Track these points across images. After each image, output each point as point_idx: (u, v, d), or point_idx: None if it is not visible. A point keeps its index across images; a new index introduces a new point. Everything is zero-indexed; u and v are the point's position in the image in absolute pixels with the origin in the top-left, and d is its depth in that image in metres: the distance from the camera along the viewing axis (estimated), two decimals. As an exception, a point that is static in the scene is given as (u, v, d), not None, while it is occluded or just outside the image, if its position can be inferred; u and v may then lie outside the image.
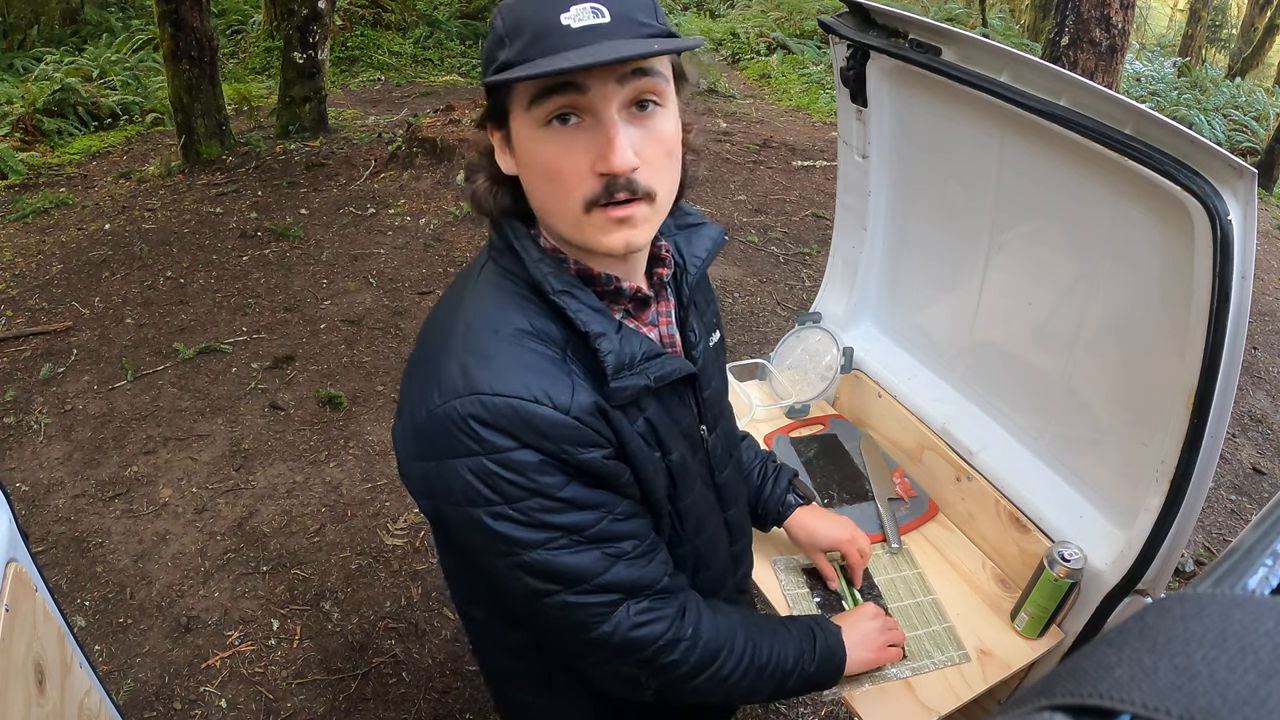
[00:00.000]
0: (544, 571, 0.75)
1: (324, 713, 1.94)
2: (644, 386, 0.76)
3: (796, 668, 0.98)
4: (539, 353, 0.73)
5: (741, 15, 9.13)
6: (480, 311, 0.76)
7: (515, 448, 0.70)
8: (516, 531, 0.73)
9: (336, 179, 4.71)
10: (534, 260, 0.76)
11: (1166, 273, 1.08)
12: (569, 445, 0.72)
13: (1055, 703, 0.25)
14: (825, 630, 1.05)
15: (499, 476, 0.71)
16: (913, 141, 1.46)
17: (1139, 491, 1.19)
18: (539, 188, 0.73)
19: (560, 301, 0.74)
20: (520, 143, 0.72)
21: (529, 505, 0.72)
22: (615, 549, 0.78)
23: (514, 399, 0.70)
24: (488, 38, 0.71)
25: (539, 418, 0.70)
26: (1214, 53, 12.59)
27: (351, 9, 7.55)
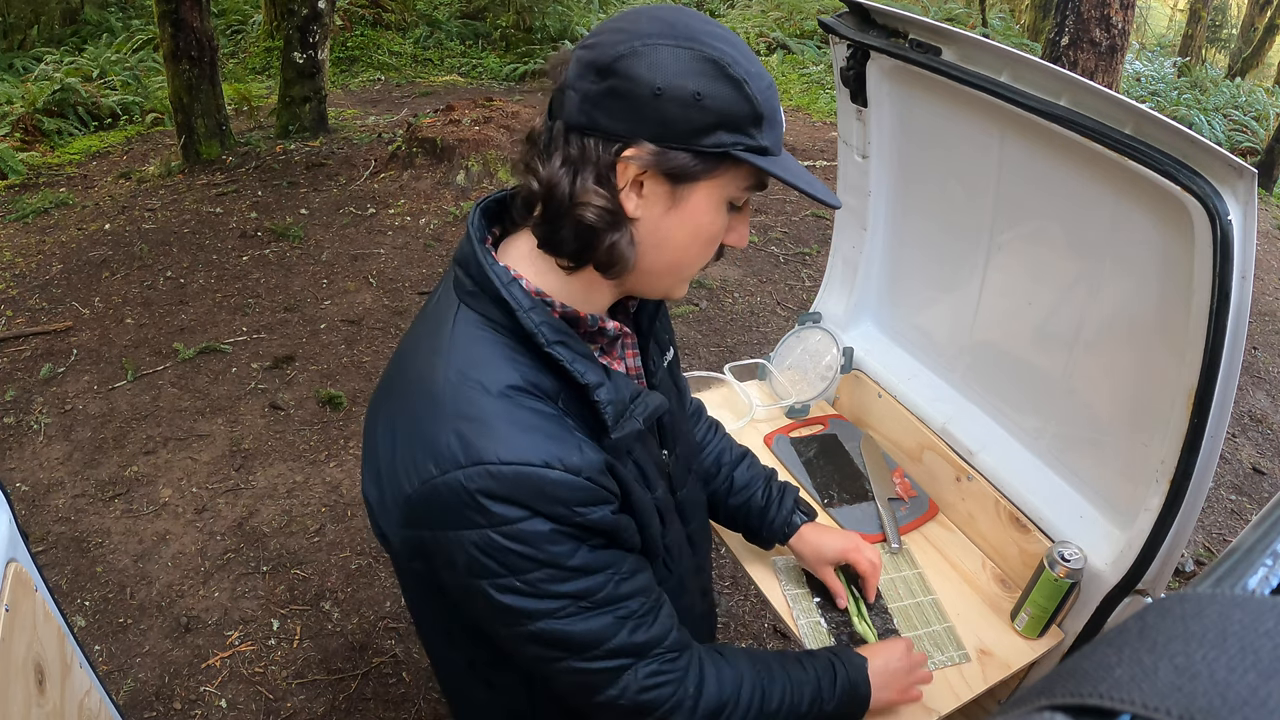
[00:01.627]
0: (551, 640, 0.73)
1: (324, 713, 1.94)
2: (639, 431, 0.75)
3: (813, 708, 0.93)
4: (537, 410, 0.70)
5: (741, 15, 9.13)
6: (464, 366, 0.71)
7: (525, 518, 0.68)
8: (524, 603, 0.71)
9: (336, 179, 4.71)
10: (524, 310, 0.71)
11: (1166, 273, 1.08)
12: (581, 507, 0.70)
13: (1055, 703, 0.25)
14: (848, 664, 0.99)
15: (507, 550, 0.68)
16: (913, 141, 1.46)
17: (1139, 491, 1.19)
18: (685, 250, 0.74)
19: (555, 353, 0.71)
20: (697, 208, 0.71)
21: (537, 576, 0.70)
22: (623, 610, 0.76)
23: (523, 466, 0.67)
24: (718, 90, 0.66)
25: (551, 483, 0.67)
26: (1214, 53, 12.59)
27: (351, 9, 7.55)
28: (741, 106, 0.67)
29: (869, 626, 1.26)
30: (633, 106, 0.66)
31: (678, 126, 0.66)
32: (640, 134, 0.67)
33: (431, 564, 0.73)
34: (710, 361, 3.27)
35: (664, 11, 0.68)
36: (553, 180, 0.69)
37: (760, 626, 2.20)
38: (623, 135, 0.67)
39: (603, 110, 0.67)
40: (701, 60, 0.65)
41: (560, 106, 0.69)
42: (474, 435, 0.67)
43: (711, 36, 0.67)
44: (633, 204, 0.70)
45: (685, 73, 0.65)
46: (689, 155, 0.68)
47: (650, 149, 0.67)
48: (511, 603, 0.71)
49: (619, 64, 0.65)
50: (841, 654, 1.01)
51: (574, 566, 0.71)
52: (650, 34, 0.66)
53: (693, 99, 0.65)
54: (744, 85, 0.66)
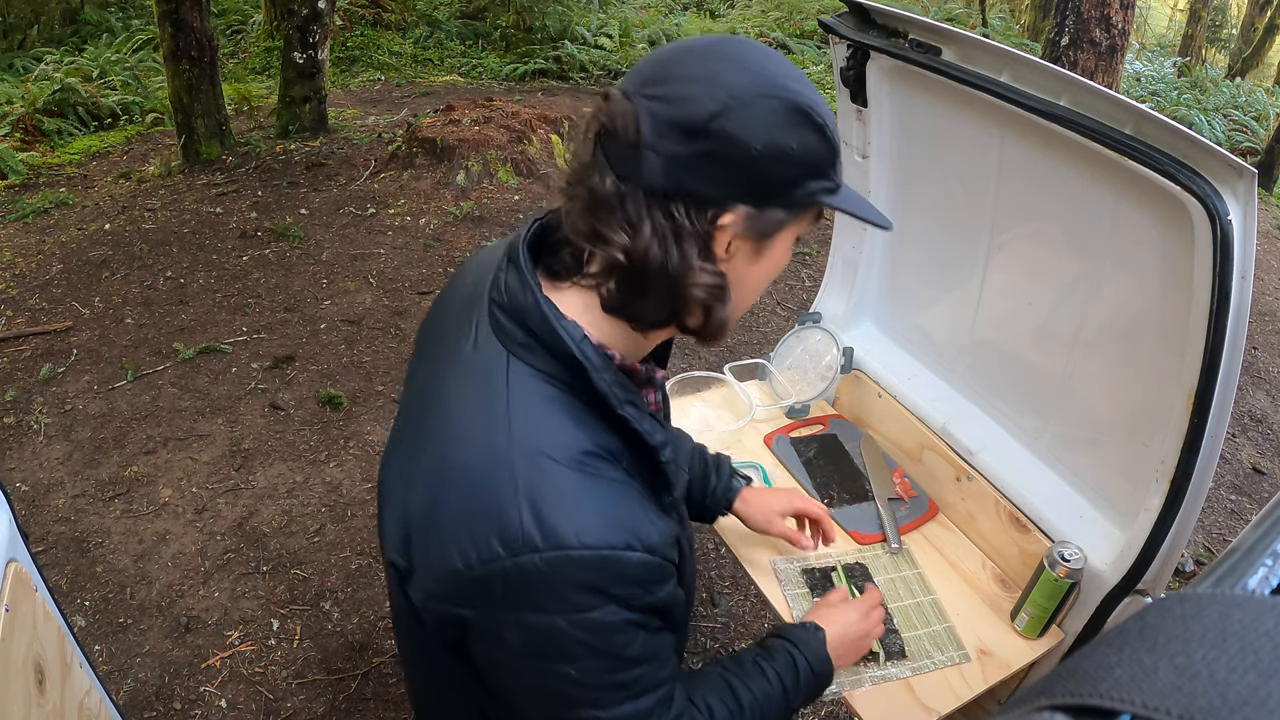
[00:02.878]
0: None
1: (324, 713, 1.94)
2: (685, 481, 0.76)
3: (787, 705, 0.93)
4: (612, 481, 0.65)
5: (741, 15, 9.13)
6: (529, 430, 0.64)
7: (599, 605, 0.63)
8: (569, 689, 0.66)
9: (336, 179, 4.71)
10: (597, 369, 0.65)
11: (1166, 273, 1.08)
12: (654, 586, 0.66)
13: (1055, 703, 0.25)
14: (807, 653, 0.97)
15: (570, 637, 0.63)
16: (913, 141, 1.46)
17: (1139, 491, 1.19)
18: (760, 288, 0.72)
19: (627, 414, 0.66)
20: (779, 251, 0.69)
21: (593, 665, 0.65)
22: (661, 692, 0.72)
23: (606, 551, 0.61)
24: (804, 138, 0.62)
25: (631, 566, 0.63)
26: (1214, 53, 12.59)
27: (351, 9, 7.55)
28: (825, 150, 0.64)
29: (869, 626, 1.26)
30: (731, 169, 0.61)
31: (774, 183, 0.63)
32: (734, 196, 0.62)
33: (468, 636, 0.68)
34: (710, 361, 3.27)
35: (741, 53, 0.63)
36: (645, 253, 0.62)
37: (760, 626, 2.20)
38: (718, 200, 0.62)
39: (696, 174, 0.61)
40: (791, 111, 0.62)
41: (636, 168, 0.61)
42: (551, 514, 0.61)
43: (788, 79, 0.63)
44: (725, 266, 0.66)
45: (779, 126, 0.61)
46: (783, 210, 0.65)
47: (746, 211, 0.63)
48: (557, 687, 0.66)
49: (713, 125, 0.59)
50: (800, 643, 0.97)
51: (631, 657, 0.67)
52: (739, 86, 0.60)
53: (788, 153, 0.62)
54: (826, 129, 0.63)
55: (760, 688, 0.90)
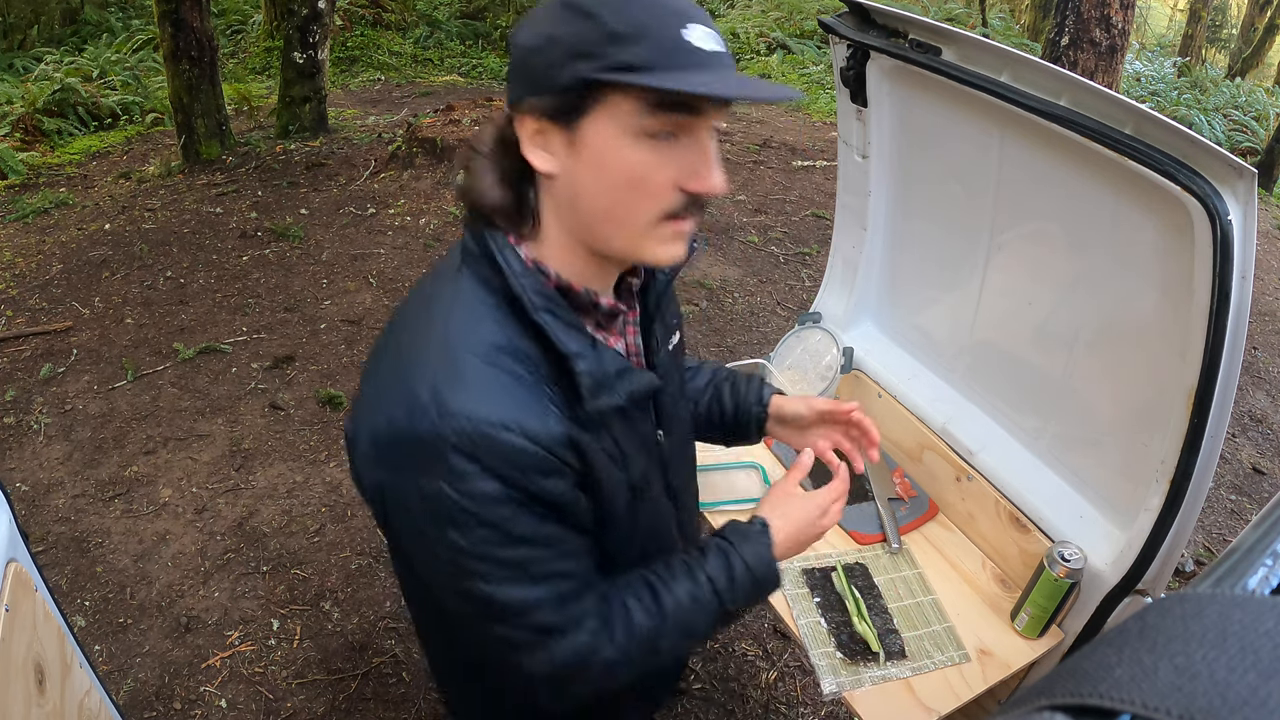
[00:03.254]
0: (481, 601, 0.74)
1: (324, 713, 1.94)
2: (616, 407, 0.76)
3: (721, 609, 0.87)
4: (514, 374, 0.72)
5: (741, 15, 9.13)
6: (455, 322, 0.74)
7: (479, 475, 0.69)
8: (464, 561, 0.72)
9: (336, 179, 4.71)
10: (515, 274, 0.73)
11: (1166, 273, 1.08)
12: (535, 475, 0.71)
13: (1055, 703, 0.25)
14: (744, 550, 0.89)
15: (456, 505, 0.69)
16: (913, 141, 1.46)
17: (1139, 491, 1.19)
18: (608, 195, 0.70)
19: (540, 320, 0.72)
20: (600, 147, 0.69)
21: (481, 536, 0.71)
22: (557, 587, 0.76)
23: (483, 424, 0.68)
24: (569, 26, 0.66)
25: (507, 446, 0.69)
26: (1214, 53, 12.59)
27: (351, 9, 7.55)
28: (590, 32, 0.65)
29: (869, 626, 1.26)
30: (515, 69, 0.71)
31: (539, 72, 0.68)
32: (523, 92, 0.70)
33: (388, 508, 0.75)
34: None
35: None
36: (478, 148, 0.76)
37: (760, 626, 2.20)
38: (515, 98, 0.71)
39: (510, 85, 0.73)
40: (560, 7, 0.67)
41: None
42: (448, 389, 0.69)
43: None
44: (539, 159, 0.71)
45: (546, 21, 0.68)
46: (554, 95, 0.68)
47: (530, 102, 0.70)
48: (451, 557, 0.72)
49: (512, 40, 0.71)
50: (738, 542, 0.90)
51: (518, 535, 0.72)
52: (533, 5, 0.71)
53: (545, 42, 0.68)
54: (593, 13, 0.65)
55: (686, 590, 0.85)
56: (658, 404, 0.90)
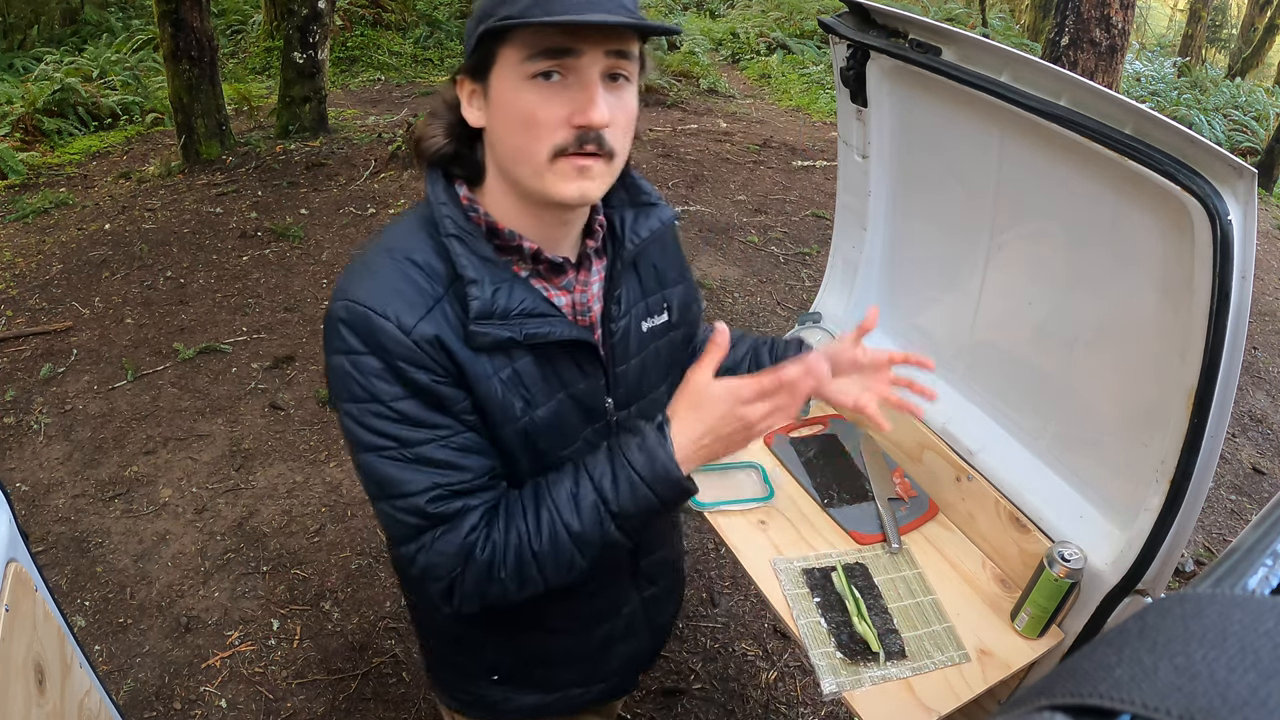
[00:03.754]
0: (369, 474, 0.82)
1: (324, 713, 1.94)
2: (509, 338, 0.80)
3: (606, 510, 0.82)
4: (413, 280, 0.79)
5: (741, 15, 9.13)
6: (390, 235, 0.84)
7: (364, 353, 0.78)
8: (356, 430, 0.81)
9: (336, 179, 4.71)
10: (439, 203, 0.82)
11: (1166, 273, 1.08)
12: (403, 363, 0.78)
13: (1055, 703, 0.25)
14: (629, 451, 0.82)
15: (350, 375, 0.79)
16: (913, 141, 1.46)
17: (1139, 491, 1.19)
18: (511, 136, 0.78)
19: (447, 244, 0.80)
20: (500, 94, 0.77)
21: (367, 408, 0.79)
22: (438, 475, 0.80)
23: (367, 309, 0.77)
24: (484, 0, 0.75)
25: (382, 331, 0.77)
26: (1214, 53, 12.59)
27: (351, 9, 7.55)
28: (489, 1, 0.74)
29: (869, 626, 1.26)
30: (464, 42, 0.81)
31: (466, 41, 0.79)
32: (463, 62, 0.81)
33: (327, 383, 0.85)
34: (710, 361, 3.26)
35: None
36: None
37: (760, 626, 2.20)
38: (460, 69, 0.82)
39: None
40: None
41: None
42: (356, 278, 0.80)
43: None
44: (470, 115, 0.81)
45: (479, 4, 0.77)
46: (471, 55, 0.78)
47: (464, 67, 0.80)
48: (349, 426, 0.81)
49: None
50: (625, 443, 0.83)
51: (398, 410, 0.79)
52: None
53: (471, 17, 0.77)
54: None
55: (566, 490, 0.82)
56: (609, 370, 0.91)
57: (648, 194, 0.94)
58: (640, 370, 0.96)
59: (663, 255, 0.99)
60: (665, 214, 0.94)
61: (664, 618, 1.20)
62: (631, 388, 0.95)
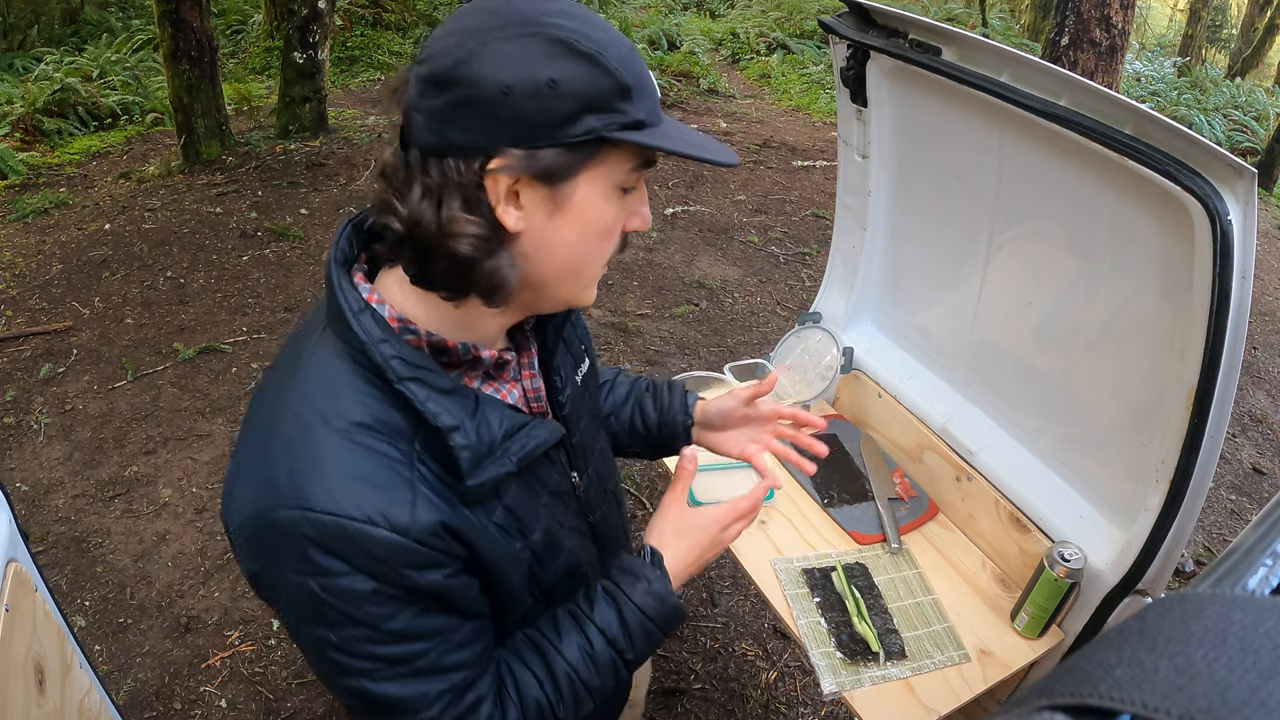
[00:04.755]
0: (361, 697, 0.68)
1: (324, 713, 1.94)
2: (504, 474, 0.69)
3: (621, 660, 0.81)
4: (378, 454, 0.64)
5: (741, 15, 9.14)
6: (311, 393, 0.66)
7: (346, 573, 0.63)
8: (338, 658, 0.66)
9: (336, 179, 4.71)
10: (375, 341, 0.65)
11: (1166, 273, 1.08)
12: (408, 570, 0.64)
13: (1055, 703, 0.25)
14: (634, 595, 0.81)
15: (324, 603, 0.63)
16: (913, 141, 1.46)
17: (1139, 491, 1.19)
18: (582, 247, 0.67)
19: (406, 390, 0.64)
20: (583, 203, 0.65)
21: (353, 635, 0.65)
22: (445, 681, 0.70)
23: (344, 519, 0.61)
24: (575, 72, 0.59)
25: (372, 541, 0.62)
26: (1214, 53, 12.59)
27: (351, 9, 7.55)
28: (602, 82, 0.60)
29: (869, 626, 1.26)
30: (484, 113, 0.59)
31: (538, 121, 0.59)
32: (501, 141, 0.60)
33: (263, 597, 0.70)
34: (710, 361, 3.27)
35: (502, 4, 0.61)
36: (415, 216, 0.62)
37: (760, 626, 2.20)
38: (482, 147, 0.61)
39: (454, 125, 0.60)
40: (548, 44, 0.59)
41: (409, 133, 0.63)
42: (304, 476, 0.63)
43: (550, 15, 0.60)
44: (513, 219, 0.63)
45: (534, 62, 0.58)
46: (559, 150, 0.61)
47: (516, 154, 0.61)
48: (324, 655, 0.67)
49: (460, 71, 0.59)
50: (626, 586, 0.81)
51: (394, 631, 0.66)
52: (482, 29, 0.59)
53: (547, 87, 0.59)
54: (599, 59, 0.60)
55: (576, 648, 0.78)
56: (569, 446, 0.83)
57: None
58: (589, 428, 0.90)
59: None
60: None
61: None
62: (587, 451, 0.88)
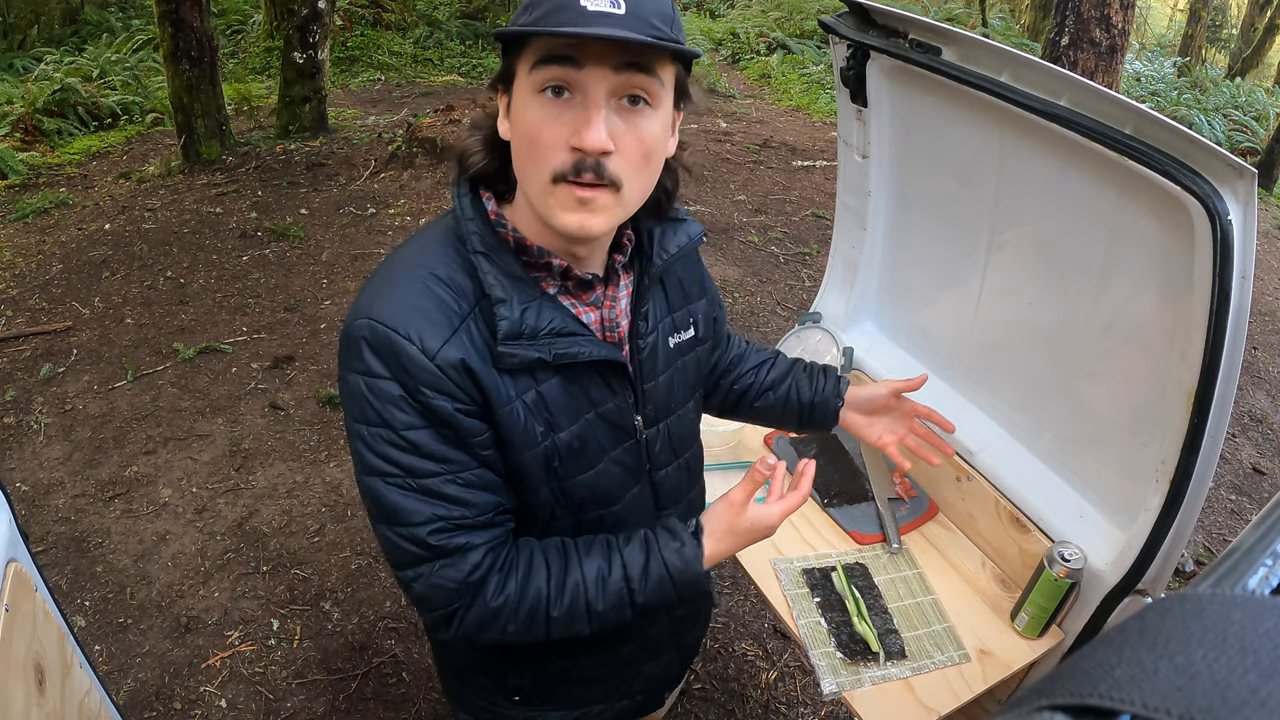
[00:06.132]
0: (373, 497, 0.79)
1: (324, 713, 1.94)
2: (538, 359, 0.78)
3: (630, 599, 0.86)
4: (439, 299, 0.77)
5: (741, 15, 9.14)
6: (415, 249, 0.82)
7: (383, 376, 0.75)
8: (363, 452, 0.78)
9: (336, 179, 4.71)
10: (466, 218, 0.80)
11: (1166, 273, 1.08)
12: (424, 388, 0.75)
13: (1055, 703, 0.25)
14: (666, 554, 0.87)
15: (365, 398, 0.76)
16: (913, 141, 1.46)
17: (1139, 491, 1.19)
18: (520, 152, 0.76)
19: (475, 260, 0.78)
20: (515, 106, 0.75)
21: (379, 432, 0.77)
22: (443, 509, 0.79)
23: (392, 330, 0.74)
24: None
25: (405, 355, 0.74)
26: (1214, 53, 12.59)
27: (351, 9, 7.55)
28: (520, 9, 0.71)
29: (869, 626, 1.26)
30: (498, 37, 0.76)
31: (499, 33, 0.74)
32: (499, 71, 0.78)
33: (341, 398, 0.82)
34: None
35: None
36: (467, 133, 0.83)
37: (760, 626, 2.20)
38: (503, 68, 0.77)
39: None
40: None
41: None
42: (378, 296, 0.77)
43: None
44: (503, 127, 0.79)
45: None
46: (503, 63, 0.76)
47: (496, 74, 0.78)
48: (358, 448, 0.79)
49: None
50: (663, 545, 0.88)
51: (410, 441, 0.76)
52: None
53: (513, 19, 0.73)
54: None
55: (595, 567, 0.85)
56: (638, 387, 0.90)
57: (677, 209, 0.93)
58: (668, 386, 0.95)
59: (688, 270, 0.99)
60: (694, 230, 0.94)
61: (690, 637, 1.17)
62: (660, 405, 0.94)
